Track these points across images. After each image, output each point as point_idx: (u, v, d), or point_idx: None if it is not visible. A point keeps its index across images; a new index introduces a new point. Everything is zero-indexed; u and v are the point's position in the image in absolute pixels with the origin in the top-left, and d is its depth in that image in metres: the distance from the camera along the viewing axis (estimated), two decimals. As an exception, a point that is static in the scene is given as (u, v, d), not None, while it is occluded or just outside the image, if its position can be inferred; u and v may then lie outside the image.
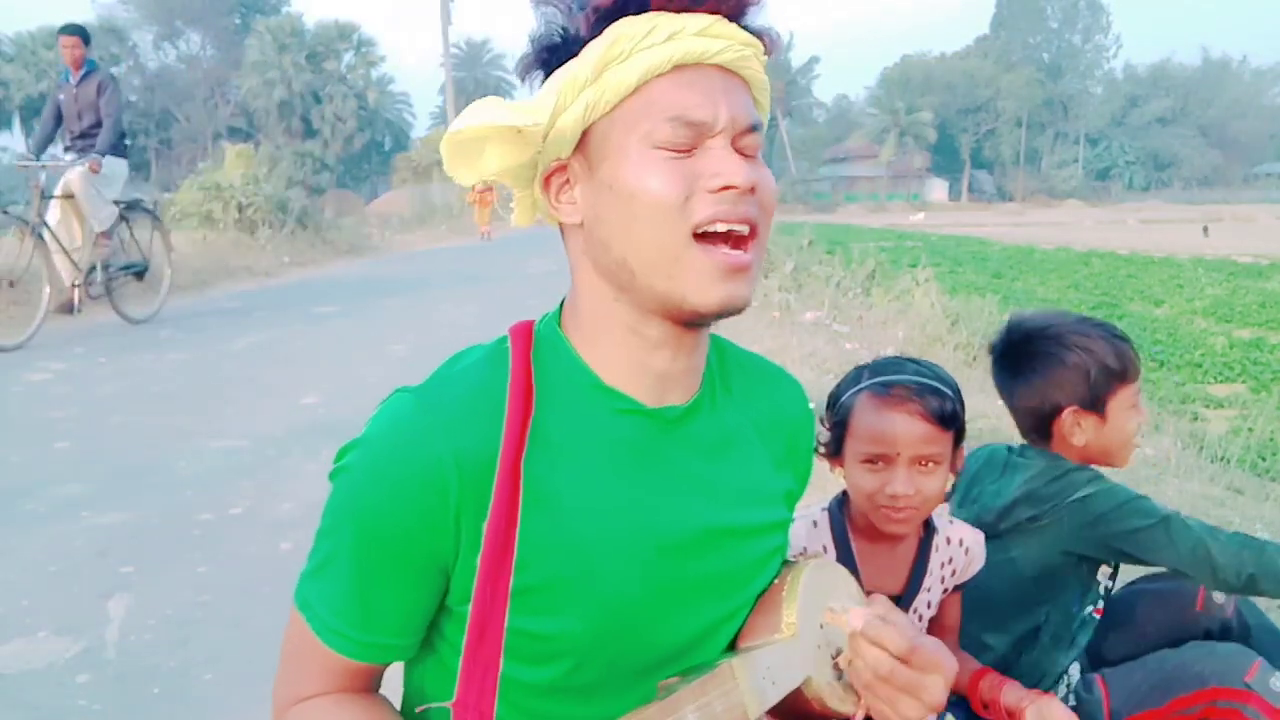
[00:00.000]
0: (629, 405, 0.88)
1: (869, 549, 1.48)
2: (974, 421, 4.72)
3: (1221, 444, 5.15)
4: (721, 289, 0.82)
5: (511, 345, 0.89)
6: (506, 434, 0.83)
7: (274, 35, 49.97)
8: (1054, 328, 1.73)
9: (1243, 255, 20.55)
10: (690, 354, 0.89)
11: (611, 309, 0.87)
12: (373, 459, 0.85)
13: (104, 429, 4.82)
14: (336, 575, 0.87)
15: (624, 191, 0.82)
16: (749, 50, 0.85)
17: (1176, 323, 11.32)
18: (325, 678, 0.90)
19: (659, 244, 0.82)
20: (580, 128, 0.85)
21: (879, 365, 1.47)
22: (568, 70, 0.84)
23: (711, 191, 0.81)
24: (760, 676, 0.85)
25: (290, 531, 3.33)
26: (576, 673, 0.87)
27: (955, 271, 16.51)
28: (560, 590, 0.85)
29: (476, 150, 0.88)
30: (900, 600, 1.48)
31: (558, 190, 0.89)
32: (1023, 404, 1.76)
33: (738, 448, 0.96)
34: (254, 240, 15.27)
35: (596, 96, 0.83)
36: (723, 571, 0.92)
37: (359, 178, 60.37)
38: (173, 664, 2.50)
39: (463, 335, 6.81)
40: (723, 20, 0.83)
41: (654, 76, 0.82)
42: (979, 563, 1.54)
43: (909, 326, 7.91)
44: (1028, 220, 42.36)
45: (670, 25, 0.81)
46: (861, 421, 1.39)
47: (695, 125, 0.81)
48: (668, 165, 0.81)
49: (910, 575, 1.49)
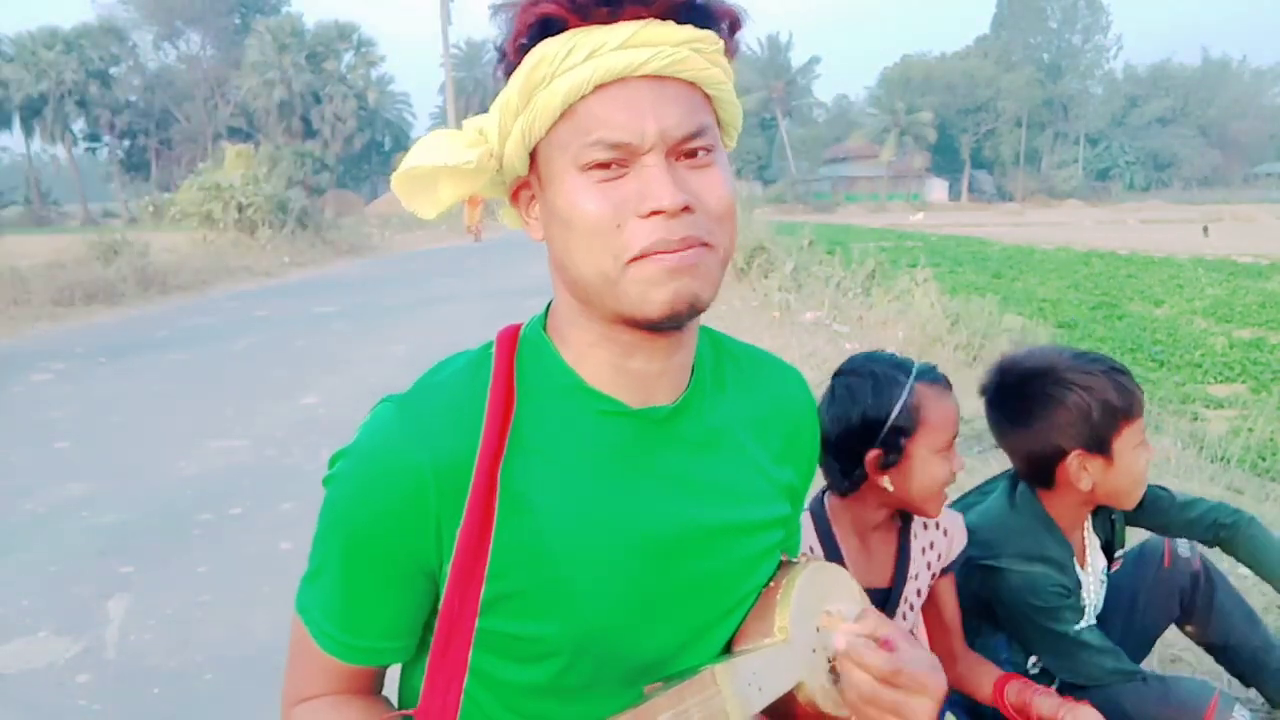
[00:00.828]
0: (612, 407, 0.87)
1: (856, 545, 1.49)
2: (972, 421, 4.72)
3: (1221, 444, 5.14)
4: (665, 292, 0.79)
5: (496, 350, 0.89)
6: (484, 442, 0.83)
7: (274, 35, 49.95)
8: (1050, 367, 1.63)
9: (1243, 255, 20.55)
10: (669, 355, 0.88)
11: (582, 317, 0.87)
12: (355, 468, 0.86)
13: (104, 429, 4.82)
14: (328, 581, 0.88)
15: (561, 216, 0.82)
16: (685, 50, 0.80)
17: (1176, 323, 11.31)
18: (325, 679, 0.92)
19: (596, 268, 0.81)
20: (524, 152, 0.84)
21: (899, 361, 1.49)
22: (502, 96, 0.83)
23: (642, 217, 0.79)
24: (745, 683, 0.84)
25: (290, 531, 3.33)
26: (568, 673, 0.87)
27: (955, 271, 16.51)
28: (540, 596, 0.85)
29: (430, 184, 0.88)
30: (890, 592, 1.49)
31: (526, 205, 0.89)
32: (1022, 449, 1.67)
33: (729, 445, 0.95)
34: (254, 240, 15.28)
35: (529, 123, 0.81)
36: (712, 571, 0.91)
37: (359, 178, 60.38)
38: (173, 664, 2.50)
39: (463, 335, 6.84)
40: (653, 24, 0.79)
41: (578, 98, 0.79)
42: (960, 542, 1.56)
43: (909, 326, 7.91)
44: (1028, 220, 42.36)
45: (590, 42, 0.78)
46: (938, 414, 1.42)
47: (619, 146, 0.78)
48: (597, 190, 0.79)
49: (895, 566, 1.50)
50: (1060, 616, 1.64)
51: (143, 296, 10.56)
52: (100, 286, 10.25)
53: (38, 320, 8.81)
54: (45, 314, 9.08)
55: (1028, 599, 1.63)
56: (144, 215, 22.09)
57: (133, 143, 54.37)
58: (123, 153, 54.58)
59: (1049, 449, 1.62)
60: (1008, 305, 10.74)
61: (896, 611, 1.49)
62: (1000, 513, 1.72)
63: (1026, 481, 1.71)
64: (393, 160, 46.77)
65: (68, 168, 55.00)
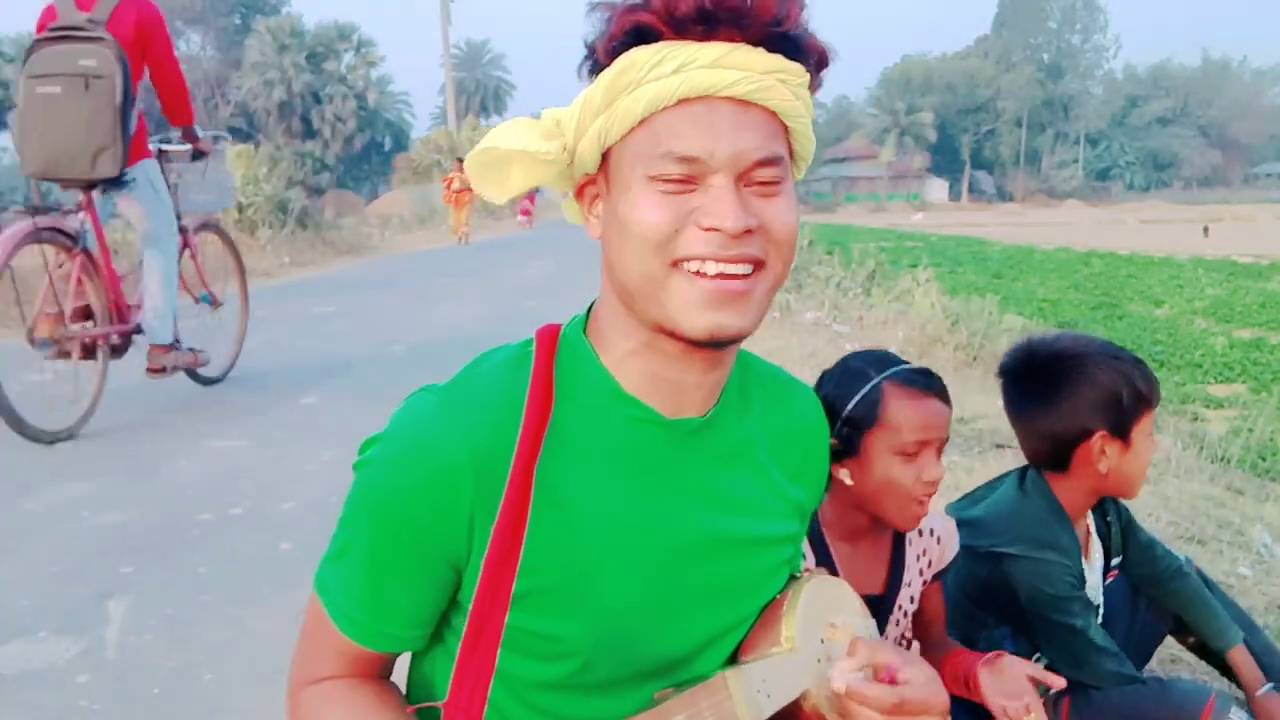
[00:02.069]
0: (646, 414, 0.89)
1: (848, 551, 1.48)
2: (973, 422, 4.72)
3: (1221, 444, 5.15)
4: (708, 317, 0.81)
5: (536, 348, 0.90)
6: (521, 439, 0.84)
7: (274, 35, 50.00)
8: (1084, 349, 1.66)
9: (1243, 255, 20.55)
10: (707, 370, 0.89)
11: (627, 322, 0.88)
12: (392, 456, 0.86)
13: (104, 429, 4.82)
14: (353, 563, 0.89)
15: (621, 220, 0.83)
16: (771, 79, 0.81)
17: (1176, 323, 11.32)
18: (338, 660, 0.93)
19: (643, 272, 0.82)
20: (597, 152, 0.86)
21: (878, 357, 1.47)
22: (585, 94, 0.84)
23: (701, 229, 0.80)
24: (755, 689, 0.86)
25: (290, 531, 3.33)
26: (585, 672, 0.88)
27: (955, 272, 16.51)
28: (567, 593, 0.86)
29: (503, 169, 0.89)
30: (884, 599, 1.48)
31: (589, 202, 0.90)
32: (1044, 428, 1.68)
33: (750, 461, 0.97)
34: (254, 240, 15.26)
35: (607, 125, 0.83)
36: (730, 580, 0.93)
37: (359, 178, 60.37)
38: (173, 664, 2.50)
39: (463, 335, 6.81)
40: (744, 48, 0.80)
41: (660, 109, 0.81)
42: (953, 549, 1.55)
43: (909, 327, 7.91)
44: (1028, 220, 42.37)
45: (680, 56, 0.80)
46: (899, 412, 1.38)
47: (690, 161, 0.80)
48: (660, 200, 0.81)
49: (889, 573, 1.49)
50: (1070, 609, 1.64)
51: (143, 296, 10.56)
52: (100, 286, 10.25)
53: (38, 320, 8.80)
54: (45, 314, 9.08)
55: (1040, 587, 1.63)
56: (144, 215, 22.08)
57: (132, 143, 54.36)
58: (123, 153, 54.57)
59: (1074, 429, 1.63)
60: (1008, 305, 10.74)
61: (890, 618, 1.49)
62: (1011, 500, 1.72)
63: (1038, 465, 1.72)
64: (393, 160, 46.75)
65: (68, 168, 54.94)
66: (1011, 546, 1.65)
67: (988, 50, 73.04)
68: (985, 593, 1.70)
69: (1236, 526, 3.35)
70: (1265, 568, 3.00)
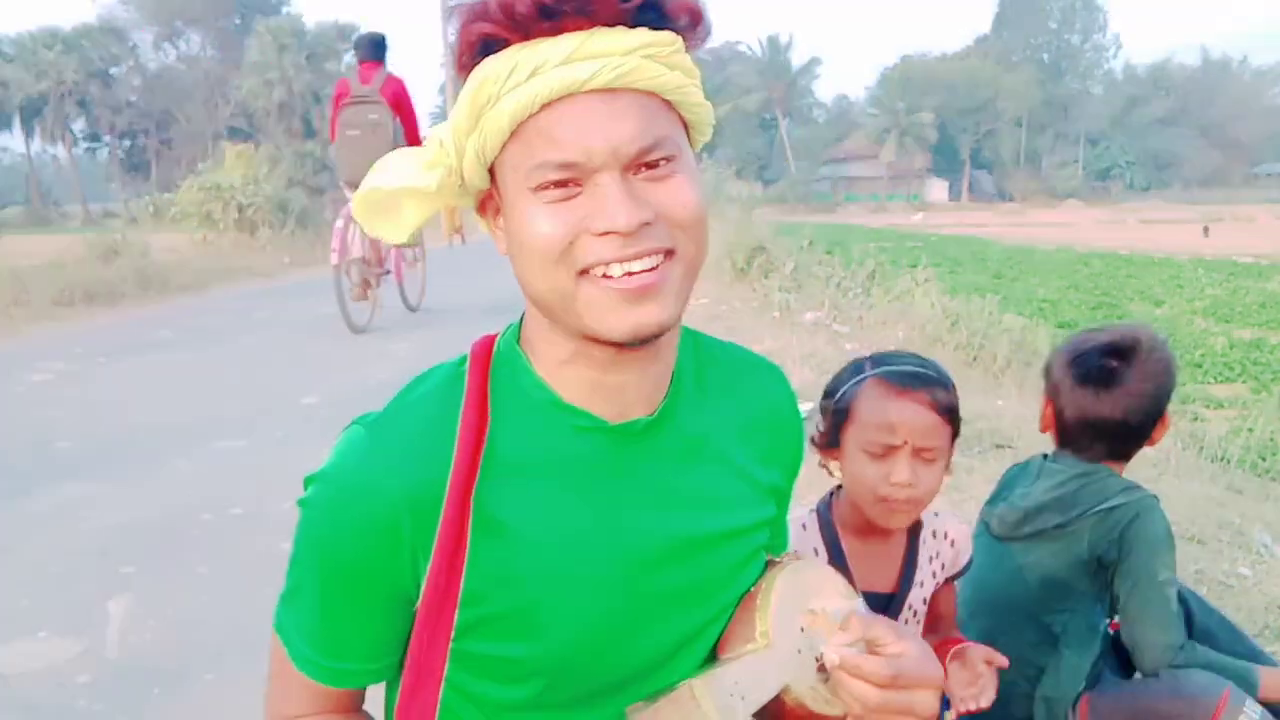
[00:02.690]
0: (589, 422, 0.85)
1: (860, 548, 1.48)
2: (974, 422, 4.71)
3: (1221, 444, 5.15)
4: (626, 318, 0.77)
5: (469, 366, 0.87)
6: (455, 470, 0.81)
7: (274, 36, 49.90)
8: (1151, 338, 1.75)
9: (1243, 255, 20.54)
10: (646, 367, 0.86)
11: (553, 333, 0.84)
12: (327, 496, 0.85)
13: (104, 429, 4.82)
14: (304, 603, 0.88)
15: (514, 239, 0.80)
16: (635, 59, 0.75)
17: (1176, 323, 11.31)
18: (306, 696, 0.91)
19: (550, 287, 0.79)
20: (483, 169, 0.82)
21: (881, 356, 1.47)
22: (453, 116, 0.81)
23: (597, 235, 0.76)
24: (728, 694, 0.83)
25: (290, 531, 3.32)
26: (551, 691, 0.86)
27: (955, 272, 16.50)
28: (517, 619, 0.84)
29: (393, 206, 0.86)
30: (894, 598, 1.48)
31: (492, 216, 0.86)
32: (1138, 418, 1.72)
33: (710, 452, 0.93)
34: (254, 241, 15.26)
35: (480, 142, 0.79)
36: (696, 581, 0.90)
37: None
38: (173, 664, 2.50)
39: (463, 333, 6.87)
40: (600, 33, 0.75)
41: (526, 117, 0.76)
42: (966, 554, 1.54)
43: (909, 327, 7.90)
44: (1028, 220, 42.34)
45: (533, 59, 0.75)
46: (869, 410, 1.38)
47: (567, 166, 0.75)
48: (548, 210, 0.77)
49: (902, 572, 1.49)
50: (1170, 561, 1.65)
51: (143, 297, 10.56)
52: (101, 286, 10.24)
53: (38, 320, 8.81)
54: (45, 314, 9.07)
55: (1155, 529, 1.65)
56: (144, 215, 22.06)
57: (133, 143, 54.37)
58: (123, 153, 54.58)
59: (1156, 413, 1.72)
60: (1008, 305, 10.73)
61: (899, 617, 1.48)
62: (1072, 471, 1.73)
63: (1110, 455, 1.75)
64: (393, 160, 46.67)
65: (68, 168, 55.02)
66: (1110, 500, 1.67)
67: (988, 50, 72.98)
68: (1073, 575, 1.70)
69: (1236, 526, 3.35)
70: (1265, 568, 3.00)
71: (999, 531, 1.80)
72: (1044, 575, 1.72)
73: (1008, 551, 1.78)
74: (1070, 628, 1.70)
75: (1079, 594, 1.71)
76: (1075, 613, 1.70)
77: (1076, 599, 1.71)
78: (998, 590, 1.76)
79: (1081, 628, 1.70)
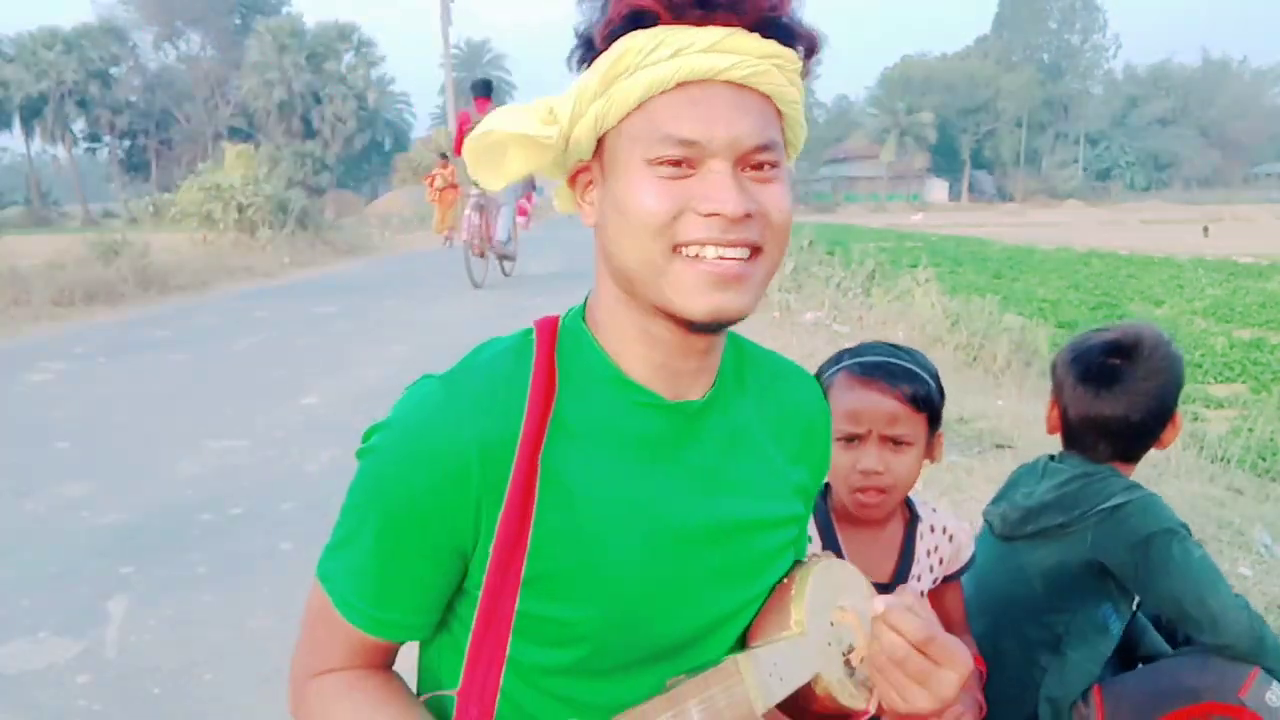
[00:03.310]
0: (648, 399, 0.89)
1: (854, 536, 1.49)
2: (974, 422, 4.72)
3: (1221, 444, 5.15)
4: (710, 299, 0.82)
5: (536, 337, 0.91)
6: (526, 425, 0.84)
7: (274, 36, 49.95)
8: (1156, 335, 1.73)
9: (1243, 255, 20.54)
10: (703, 354, 0.90)
11: (623, 308, 0.88)
12: (397, 443, 0.86)
13: (104, 429, 4.82)
14: (358, 552, 0.88)
15: (620, 205, 0.83)
16: (767, 64, 0.81)
17: (1177, 323, 11.31)
18: (342, 651, 0.92)
19: (644, 258, 0.82)
20: (593, 137, 0.85)
21: (859, 348, 1.50)
22: (581, 80, 0.84)
23: (701, 215, 0.81)
24: (767, 673, 0.86)
25: (290, 531, 3.33)
26: (593, 657, 0.89)
27: (955, 272, 16.50)
28: (574, 578, 0.86)
29: (499, 154, 0.89)
30: (889, 588, 1.48)
31: (582, 189, 0.90)
32: (1141, 417, 1.70)
33: (751, 443, 0.97)
34: (254, 240, 15.27)
35: (604, 109, 0.83)
36: (735, 563, 0.94)
37: (359, 178, 60.35)
38: (173, 664, 2.50)
39: (463, 334, 6.82)
40: (740, 33, 0.81)
41: (657, 93, 0.81)
42: (967, 551, 1.55)
43: (909, 327, 7.91)
44: (1028, 220, 42.35)
45: (677, 41, 0.80)
46: (838, 399, 1.41)
47: (688, 144, 0.80)
48: (660, 185, 0.81)
49: (898, 563, 1.50)
50: (1191, 544, 1.62)
51: (143, 297, 10.56)
52: (100, 286, 10.25)
53: (38, 320, 8.81)
54: (45, 314, 9.08)
55: (1160, 523, 1.62)
56: (144, 215, 22.09)
57: (133, 143, 54.37)
58: (123, 153, 54.58)
59: (1171, 410, 1.71)
60: (1008, 305, 10.73)
61: None
62: (1076, 470, 1.72)
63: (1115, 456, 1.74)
64: (393, 160, 46.73)
65: (68, 168, 55.02)
66: (1112, 499, 1.65)
67: (988, 50, 73.01)
68: (1076, 575, 1.69)
69: (1236, 526, 3.35)
70: (1265, 568, 3.00)
71: (1001, 531, 1.79)
72: (1046, 575, 1.71)
73: (1010, 551, 1.77)
74: (1073, 628, 1.70)
75: (1082, 594, 1.71)
76: (1078, 613, 1.69)
77: (1079, 599, 1.71)
78: (1000, 590, 1.75)
79: (1085, 628, 1.69)
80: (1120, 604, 1.71)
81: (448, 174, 17.80)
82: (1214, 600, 1.59)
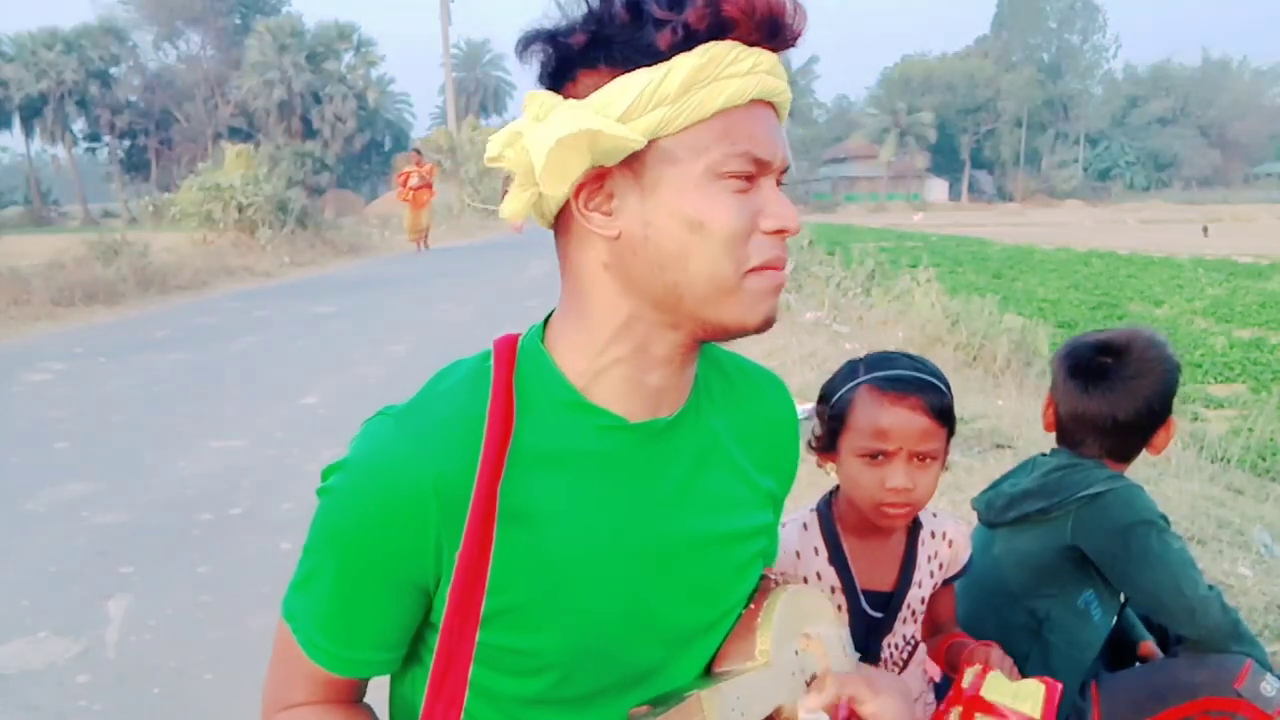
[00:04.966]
0: (610, 421, 0.87)
1: (860, 547, 1.49)
2: (974, 422, 4.72)
3: (1221, 444, 5.15)
4: (768, 307, 0.85)
5: (494, 362, 0.88)
6: (483, 461, 0.83)
7: (274, 35, 49.90)
8: (1151, 338, 1.75)
9: (1243, 255, 20.54)
10: (687, 369, 0.90)
11: (624, 326, 0.85)
12: (354, 484, 0.85)
13: (104, 429, 4.82)
14: (319, 591, 0.88)
15: (687, 219, 0.80)
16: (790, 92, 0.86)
17: (1176, 323, 11.31)
18: (310, 686, 0.92)
19: (716, 277, 0.81)
20: (643, 142, 0.80)
21: (874, 360, 1.47)
22: (646, 79, 0.79)
23: (766, 233, 0.83)
24: (730, 708, 0.85)
25: (290, 531, 3.33)
26: (564, 685, 0.88)
27: (955, 271, 16.51)
28: (539, 608, 0.85)
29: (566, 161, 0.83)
30: (893, 597, 1.48)
31: (589, 197, 0.84)
32: (1127, 415, 1.71)
33: (720, 455, 0.96)
34: (254, 240, 15.27)
35: (674, 114, 0.79)
36: (705, 579, 0.92)
37: (359, 178, 60.30)
38: (173, 664, 2.50)
39: (462, 334, 6.82)
40: (775, 57, 0.83)
41: (733, 106, 0.80)
42: (965, 555, 1.55)
43: (909, 326, 7.91)
44: (1028, 220, 42.35)
45: (749, 59, 0.80)
46: (862, 416, 1.39)
47: (761, 162, 0.82)
48: (734, 200, 0.81)
49: (901, 571, 1.50)
50: (1168, 528, 1.64)
51: (143, 296, 10.56)
52: (100, 286, 10.25)
53: (38, 320, 8.81)
54: (45, 314, 9.08)
55: (1139, 514, 1.63)
56: (144, 215, 22.06)
57: (133, 143, 54.32)
58: (123, 153, 54.53)
59: (1162, 414, 1.71)
60: (1008, 305, 10.73)
61: (898, 616, 1.49)
62: (1062, 460, 1.74)
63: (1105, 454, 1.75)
64: (393, 160, 46.73)
65: (68, 168, 54.96)
66: (1092, 488, 1.66)
67: (987, 50, 72.96)
68: (1056, 561, 1.70)
69: (1236, 526, 3.35)
70: (1265, 568, 3.00)
71: (986, 517, 1.83)
72: (1027, 560, 1.73)
73: (994, 537, 1.80)
74: (1053, 613, 1.71)
75: (1061, 579, 1.72)
76: (1057, 598, 1.71)
77: (1059, 584, 1.73)
78: (983, 574, 1.77)
79: (1064, 614, 1.71)
80: (1103, 593, 1.73)
81: (424, 172, 16.92)
82: (1191, 591, 1.61)
